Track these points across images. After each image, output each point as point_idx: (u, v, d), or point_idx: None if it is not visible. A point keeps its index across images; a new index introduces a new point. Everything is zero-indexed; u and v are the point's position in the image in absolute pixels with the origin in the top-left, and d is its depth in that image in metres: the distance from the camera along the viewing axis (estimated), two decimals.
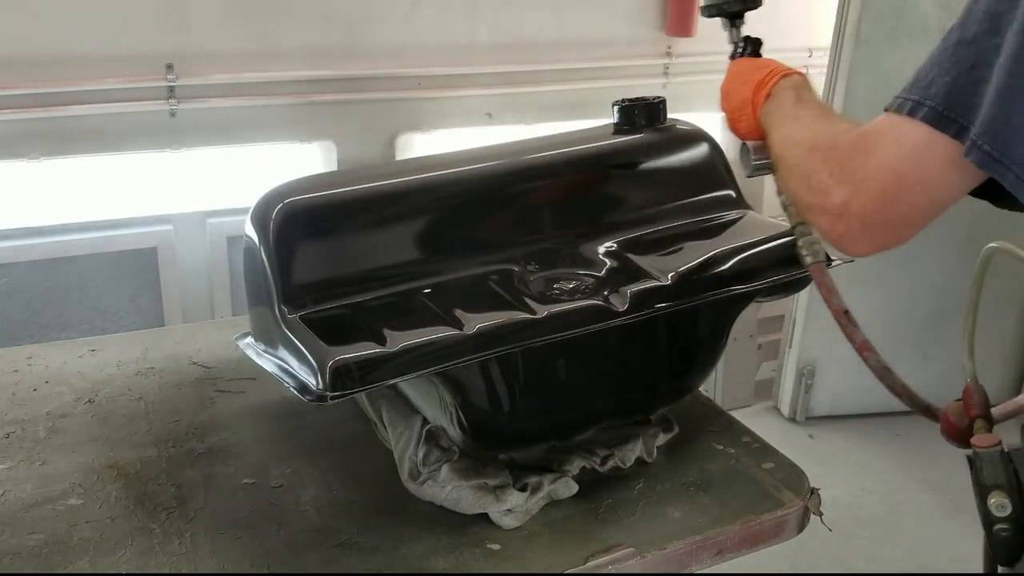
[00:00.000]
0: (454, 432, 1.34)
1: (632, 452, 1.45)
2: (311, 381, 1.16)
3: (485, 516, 1.32)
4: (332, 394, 1.13)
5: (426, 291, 1.31)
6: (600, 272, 1.37)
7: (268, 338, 1.32)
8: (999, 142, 0.82)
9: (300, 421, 1.56)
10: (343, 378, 1.14)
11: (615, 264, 1.38)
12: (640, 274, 1.35)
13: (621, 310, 1.29)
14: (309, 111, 2.72)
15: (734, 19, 1.36)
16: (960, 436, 1.07)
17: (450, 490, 1.33)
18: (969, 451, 1.01)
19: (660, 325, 1.39)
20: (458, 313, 1.24)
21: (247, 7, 2.58)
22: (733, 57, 1.34)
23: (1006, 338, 3.36)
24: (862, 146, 0.92)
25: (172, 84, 2.51)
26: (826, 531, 1.46)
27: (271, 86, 2.65)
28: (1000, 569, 0.98)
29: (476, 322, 1.22)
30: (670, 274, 1.34)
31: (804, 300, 3.18)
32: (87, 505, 1.35)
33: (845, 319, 1.12)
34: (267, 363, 1.31)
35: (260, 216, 1.32)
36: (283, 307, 1.26)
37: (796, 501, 1.38)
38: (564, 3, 2.98)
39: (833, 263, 1.24)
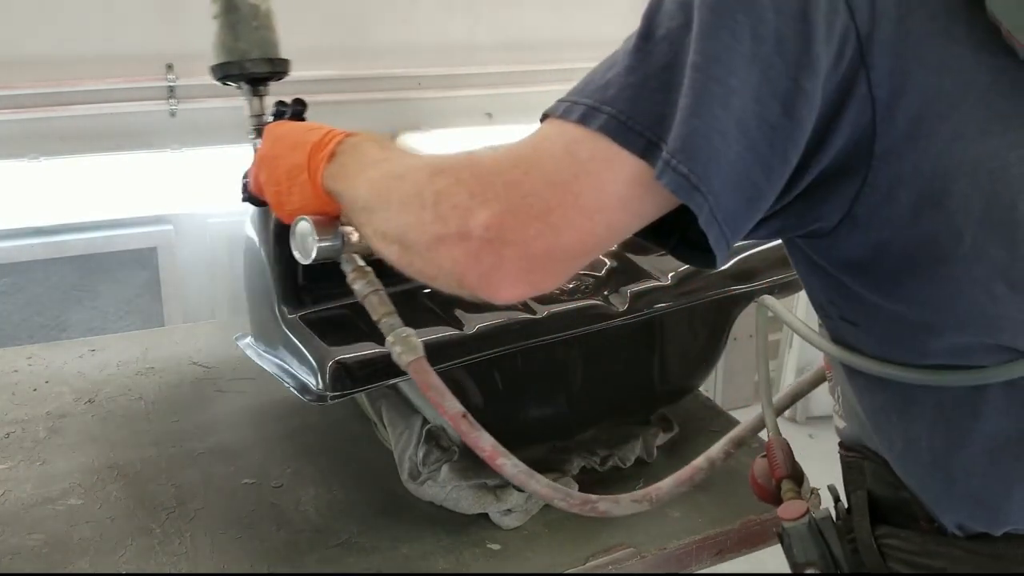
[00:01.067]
0: (454, 432, 1.33)
1: (632, 452, 1.45)
2: (311, 381, 1.16)
3: (485, 516, 1.32)
4: (332, 394, 1.13)
5: (426, 291, 1.31)
6: (600, 272, 1.37)
7: (268, 338, 1.32)
8: (697, 163, 0.63)
9: (300, 421, 1.56)
10: (343, 378, 1.14)
11: (615, 264, 1.38)
12: (640, 274, 1.35)
13: (621, 310, 1.29)
14: (309, 111, 2.71)
15: (258, 85, 1.15)
16: (770, 498, 0.98)
17: (450, 490, 1.33)
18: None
19: (660, 325, 1.39)
20: (458, 313, 1.24)
21: None
22: (260, 127, 1.13)
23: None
24: (519, 157, 0.69)
25: (172, 84, 2.51)
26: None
27: (271, 86, 2.65)
28: None
29: (476, 322, 1.22)
30: (670, 274, 1.34)
31: (804, 300, 3.18)
32: (87, 505, 1.35)
33: (466, 424, 0.94)
34: (267, 363, 1.31)
35: (260, 216, 1.32)
36: (283, 307, 1.26)
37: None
38: (564, 3, 2.98)
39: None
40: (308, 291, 1.28)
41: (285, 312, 1.25)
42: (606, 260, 1.39)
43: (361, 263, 1.03)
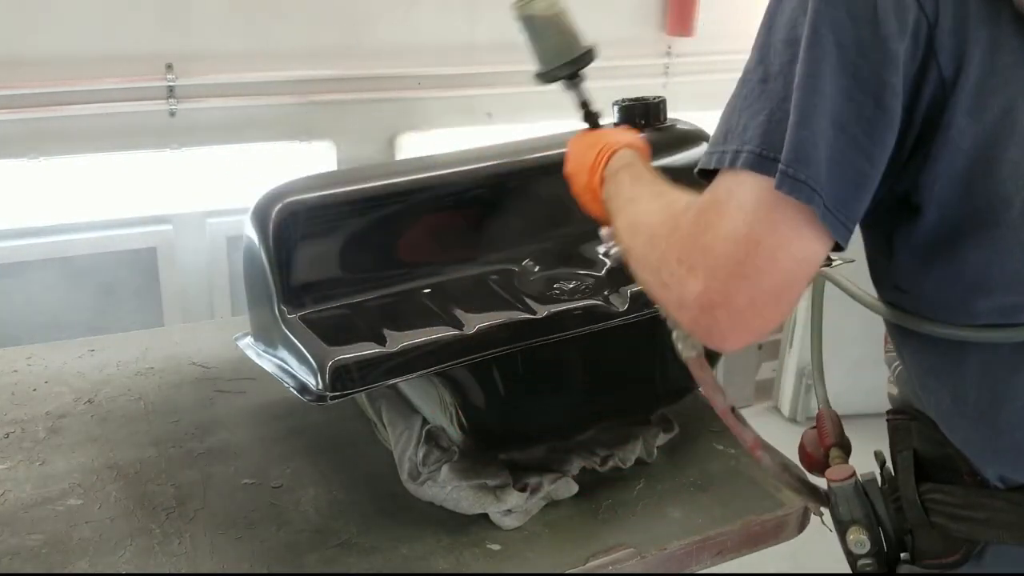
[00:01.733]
0: (454, 432, 1.33)
1: (632, 452, 1.45)
2: (311, 381, 1.16)
3: (485, 516, 1.32)
4: (332, 394, 1.13)
5: (426, 291, 1.31)
6: (600, 272, 1.37)
7: (268, 338, 1.32)
8: (806, 165, 0.73)
9: (300, 421, 1.56)
10: (343, 378, 1.14)
11: (615, 264, 1.38)
12: None
13: (621, 310, 1.29)
14: (309, 111, 2.71)
15: (570, 81, 1.23)
16: (818, 466, 1.03)
17: (450, 490, 1.33)
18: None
19: (660, 325, 1.39)
20: (458, 313, 1.24)
21: (247, 7, 2.58)
22: (587, 114, 1.23)
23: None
24: (704, 222, 0.79)
25: (172, 84, 2.51)
26: (826, 531, 1.45)
27: (271, 86, 2.65)
28: None
29: (476, 322, 1.22)
30: None
31: (804, 300, 3.18)
32: (87, 505, 1.35)
33: (733, 418, 1.04)
34: (267, 363, 1.31)
35: (260, 216, 1.31)
36: (283, 307, 1.26)
37: (796, 501, 1.38)
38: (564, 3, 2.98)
39: (834, 263, 1.22)
40: (308, 291, 1.28)
41: (285, 312, 1.25)
42: (606, 260, 1.39)
43: None
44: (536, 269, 1.37)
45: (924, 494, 0.89)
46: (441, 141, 2.85)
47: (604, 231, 1.11)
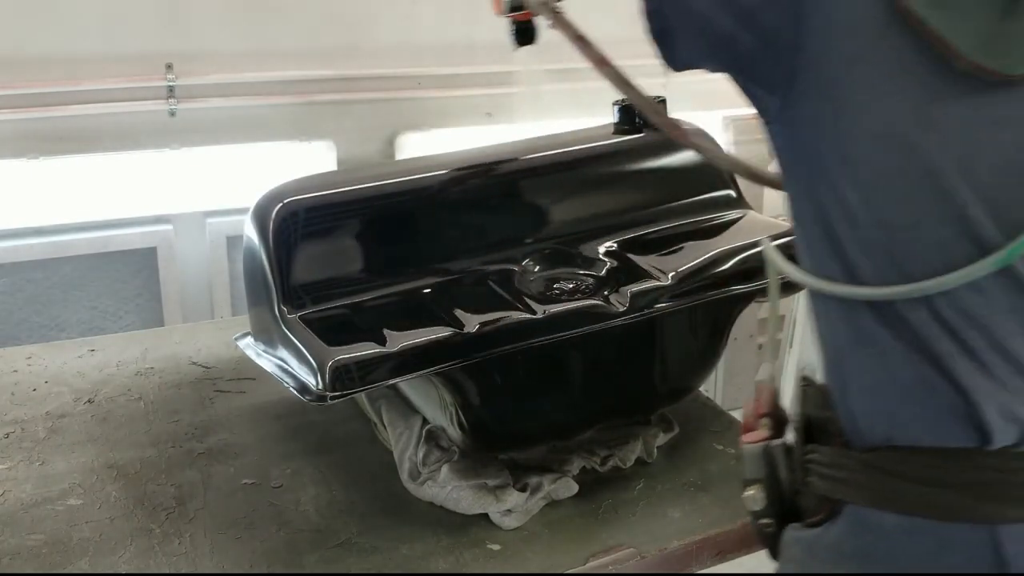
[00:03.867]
0: (454, 432, 1.33)
1: (632, 452, 1.45)
2: (311, 381, 1.16)
3: (485, 516, 1.32)
4: (332, 394, 1.13)
5: (426, 291, 1.31)
6: (600, 272, 1.37)
7: (268, 338, 1.32)
8: None
9: (300, 421, 1.56)
10: (343, 378, 1.14)
11: (615, 264, 1.38)
12: (640, 274, 1.35)
13: (621, 310, 1.29)
14: (309, 111, 2.71)
15: None
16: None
17: (450, 490, 1.33)
18: None
19: (660, 325, 1.39)
20: (458, 313, 1.24)
21: (247, 7, 2.57)
22: None
23: None
24: None
25: (172, 84, 2.51)
26: None
27: (271, 86, 2.65)
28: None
29: (476, 322, 1.22)
30: (670, 274, 1.34)
31: (805, 300, 3.18)
32: (87, 505, 1.35)
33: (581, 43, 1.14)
34: (267, 363, 1.31)
35: (260, 216, 1.32)
36: (283, 307, 1.26)
37: None
38: (563, 3, 2.97)
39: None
40: (308, 291, 1.28)
41: (285, 312, 1.25)
42: (606, 260, 1.39)
43: None
44: (536, 269, 1.37)
45: (806, 454, 0.92)
46: (441, 141, 2.84)
47: None
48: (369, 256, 1.33)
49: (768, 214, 1.59)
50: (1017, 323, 0.76)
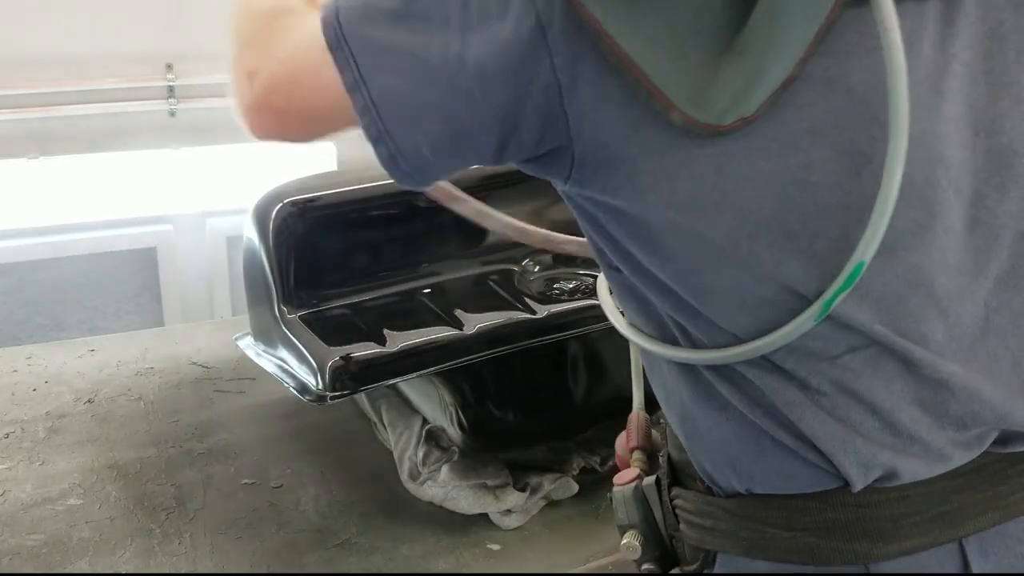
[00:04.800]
0: (454, 432, 1.34)
1: None
2: (311, 381, 1.16)
3: (485, 516, 1.32)
4: (331, 394, 1.13)
5: (426, 291, 1.31)
6: (600, 272, 1.37)
7: (268, 338, 1.32)
8: (352, 22, 0.63)
9: (300, 421, 1.56)
10: (343, 378, 1.14)
11: None
12: None
13: (621, 310, 1.29)
14: None
15: None
16: (626, 467, 0.99)
17: (450, 490, 1.33)
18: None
19: None
20: (458, 313, 1.24)
21: None
22: None
23: None
24: (280, 27, 0.74)
25: (172, 84, 2.51)
26: None
27: None
28: None
29: (476, 322, 1.22)
30: None
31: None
32: (87, 505, 1.35)
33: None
34: (267, 363, 1.31)
35: (260, 216, 1.32)
36: (283, 307, 1.26)
37: None
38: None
39: None
40: (308, 291, 1.28)
41: (285, 312, 1.25)
42: None
43: None
44: (536, 269, 1.37)
45: (674, 499, 0.86)
46: None
47: None
48: (369, 256, 1.33)
49: None
50: (861, 361, 0.68)
